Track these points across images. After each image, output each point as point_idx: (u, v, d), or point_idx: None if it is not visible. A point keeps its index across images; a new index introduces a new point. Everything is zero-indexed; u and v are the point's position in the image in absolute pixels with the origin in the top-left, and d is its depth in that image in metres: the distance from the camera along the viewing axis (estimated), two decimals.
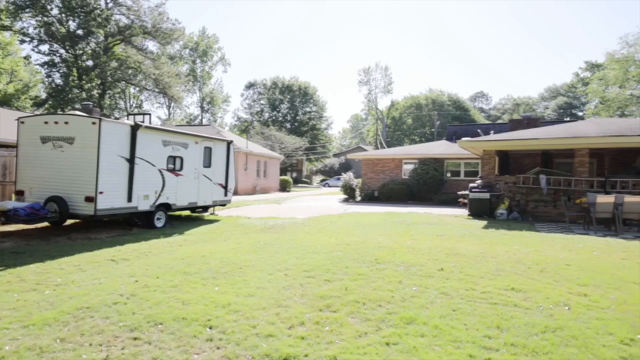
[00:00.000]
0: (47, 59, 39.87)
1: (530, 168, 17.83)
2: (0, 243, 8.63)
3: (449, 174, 23.08)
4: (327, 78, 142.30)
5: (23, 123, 10.67)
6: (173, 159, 12.02)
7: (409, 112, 74.36)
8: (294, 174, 59.59)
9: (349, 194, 24.22)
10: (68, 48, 39.32)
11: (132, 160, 10.45)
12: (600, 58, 60.42)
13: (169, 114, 64.87)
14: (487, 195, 14.41)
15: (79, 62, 40.15)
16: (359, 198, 24.29)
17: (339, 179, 28.58)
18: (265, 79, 72.54)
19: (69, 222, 11.37)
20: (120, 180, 10.24)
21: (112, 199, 10.02)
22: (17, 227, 10.55)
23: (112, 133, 10.00)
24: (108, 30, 40.57)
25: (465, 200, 16.30)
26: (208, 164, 13.49)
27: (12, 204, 9.54)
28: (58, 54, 40.18)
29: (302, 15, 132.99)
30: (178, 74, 49.31)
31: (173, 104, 61.04)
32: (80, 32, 39.26)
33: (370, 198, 23.74)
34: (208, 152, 13.51)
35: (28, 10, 36.54)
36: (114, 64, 41.11)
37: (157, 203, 11.39)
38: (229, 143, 14.71)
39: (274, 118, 69.53)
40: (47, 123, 10.33)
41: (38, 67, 42.07)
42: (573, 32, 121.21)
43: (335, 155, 64.37)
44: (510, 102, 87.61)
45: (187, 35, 60.55)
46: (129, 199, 10.46)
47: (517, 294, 5.11)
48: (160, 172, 11.51)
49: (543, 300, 4.87)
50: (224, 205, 15.49)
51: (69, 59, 39.76)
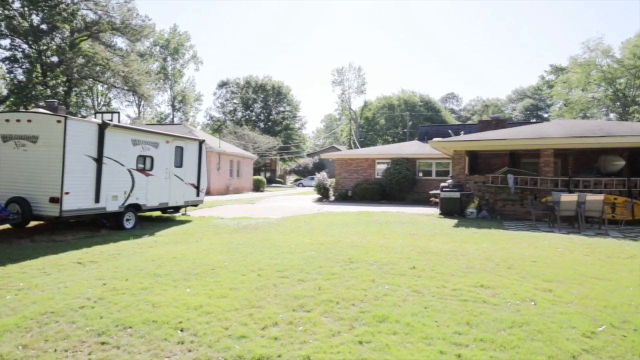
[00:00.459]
0: (8, 54, 38.15)
1: (499, 168, 18.36)
2: None
3: (421, 174, 23.48)
4: (301, 78, 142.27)
5: None
6: (143, 159, 11.74)
7: (382, 112, 75.20)
8: (268, 174, 59.28)
9: (323, 194, 24.29)
10: (31, 43, 37.74)
11: (99, 160, 10.14)
12: (565, 62, 62.98)
13: (139, 113, 63.31)
14: (457, 195, 14.73)
15: (43, 57, 38.62)
16: (333, 198, 24.39)
17: (313, 179, 28.61)
18: (239, 78, 71.94)
19: (33, 224, 10.93)
20: (87, 181, 9.93)
21: (78, 200, 9.70)
22: None
23: (78, 132, 9.67)
24: (74, 26, 39.18)
25: (437, 200, 16.62)
26: (179, 164, 13.24)
27: None
28: (20, 49, 38.50)
29: (275, 15, 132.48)
30: (148, 72, 48.20)
31: (143, 103, 59.56)
32: (45, 26, 37.76)
33: (344, 198, 23.88)
34: (179, 151, 13.26)
35: None
36: (81, 61, 39.76)
37: (126, 204, 11.10)
38: (201, 142, 14.49)
39: (247, 117, 68.99)
40: (8, 121, 9.91)
41: None
42: (539, 35, 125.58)
43: (309, 155, 64.43)
44: (480, 103, 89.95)
45: (157, 33, 59.27)
46: (97, 200, 10.15)
47: (486, 291, 5.25)
48: (130, 172, 11.22)
49: (510, 296, 5.01)
50: (196, 206, 15.25)
51: (32, 55, 38.17)
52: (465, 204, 14.86)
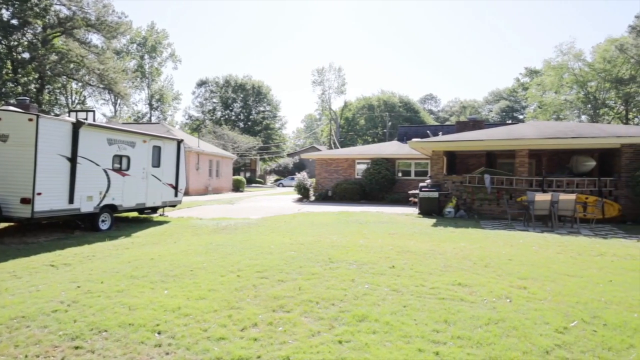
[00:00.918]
0: None
1: (476, 168, 18.72)
2: None
3: (400, 174, 23.71)
4: (280, 78, 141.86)
5: None
6: (119, 158, 11.50)
7: (362, 112, 75.65)
8: (248, 174, 58.87)
9: (303, 194, 24.27)
10: (1, 38, 36.48)
11: (73, 160, 9.88)
12: (539, 65, 64.55)
13: (115, 111, 61.93)
14: (436, 194, 14.94)
15: (14, 53, 37.36)
16: (313, 198, 24.40)
17: (293, 179, 28.57)
18: (218, 77, 71.22)
19: (2, 225, 10.57)
20: (61, 181, 9.66)
21: (51, 201, 9.43)
22: None
23: (51, 130, 9.40)
24: (47, 21, 38.04)
25: (416, 199, 16.81)
26: (157, 164, 13.02)
27: None
28: None
29: (256, 15, 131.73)
30: (125, 70, 47.18)
31: (119, 101, 58.26)
32: (15, 21, 36.53)
33: (324, 198, 23.92)
34: (157, 151, 13.04)
35: None
36: (54, 57, 38.62)
37: (102, 204, 10.85)
38: (180, 142, 14.28)
39: (227, 117, 68.35)
40: None
41: None
42: (515, 38, 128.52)
43: (289, 155, 64.31)
44: (458, 104, 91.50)
45: (134, 30, 58.12)
46: (71, 201, 9.89)
47: (463, 289, 5.34)
48: (105, 171, 10.97)
49: (487, 294, 5.11)
50: (175, 206, 15.03)
51: (2, 51, 36.88)
52: (444, 204, 15.08)
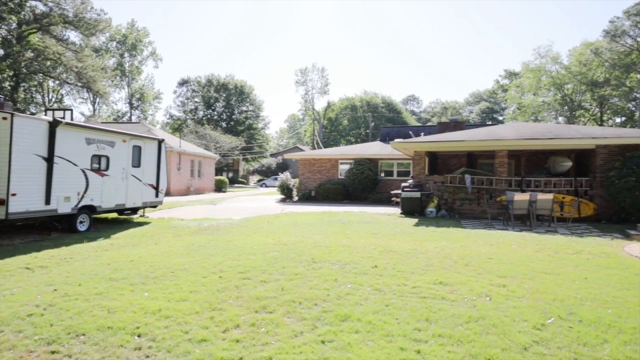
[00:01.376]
0: None
1: (457, 168, 18.99)
2: None
3: (383, 174, 23.88)
4: (263, 77, 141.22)
5: None
6: (98, 158, 11.27)
7: (345, 113, 75.87)
8: (230, 174, 58.40)
9: (286, 194, 24.22)
10: None
11: (50, 160, 9.64)
12: (518, 67, 65.84)
13: (94, 110, 60.66)
14: (418, 194, 15.10)
15: None
16: (296, 198, 24.36)
17: (276, 179, 28.49)
18: (200, 76, 70.42)
19: None
20: (37, 181, 9.41)
21: (26, 202, 9.18)
22: None
23: (26, 129, 9.15)
24: (22, 17, 37.01)
25: (398, 199, 16.95)
26: (137, 164, 12.81)
27: None
28: None
29: (239, 15, 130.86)
30: (104, 68, 46.23)
31: (98, 100, 57.09)
32: None
33: (307, 198, 23.91)
34: (137, 151, 12.83)
35: None
36: (30, 54, 37.59)
37: (80, 205, 10.62)
38: (161, 142, 14.07)
39: (209, 117, 67.65)
40: None
41: None
42: (495, 41, 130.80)
43: (273, 155, 64.07)
44: (439, 105, 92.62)
45: (114, 28, 57.02)
46: (47, 201, 9.64)
47: (444, 288, 5.41)
48: (84, 172, 10.74)
49: (467, 292, 5.19)
50: (155, 207, 14.80)
51: None
52: (426, 204, 15.25)
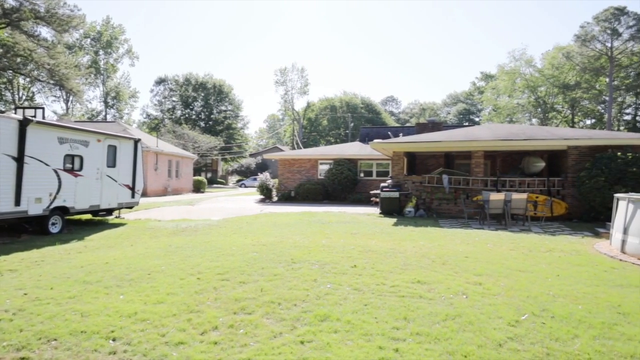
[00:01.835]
0: None
1: (435, 168, 19.27)
2: None
3: (362, 174, 24.02)
4: (243, 77, 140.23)
5: None
6: (71, 158, 10.97)
7: (325, 113, 76.03)
8: (209, 174, 57.75)
9: (266, 194, 24.10)
10: None
11: (20, 159, 9.33)
12: (493, 69, 67.35)
13: (67, 109, 59.00)
14: (396, 194, 15.25)
15: None
16: (276, 198, 24.27)
17: (256, 179, 28.27)
18: (178, 75, 69.26)
19: None
20: (6, 182, 9.09)
21: None
22: None
23: None
24: None
25: (377, 199, 17.09)
26: (112, 164, 12.53)
27: None
28: None
29: (218, 14, 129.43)
30: (78, 65, 45.06)
31: (72, 98, 55.55)
32: None
33: (287, 198, 23.85)
34: (112, 150, 12.55)
35: None
36: None
37: (52, 206, 10.31)
38: (137, 141, 13.80)
39: (187, 116, 66.68)
40: None
41: None
42: (472, 43, 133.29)
43: (252, 155, 63.60)
44: (418, 106, 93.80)
45: (88, 24, 55.59)
46: (17, 203, 9.33)
47: (422, 286, 5.48)
48: (56, 172, 10.44)
49: (445, 291, 5.27)
50: (132, 208, 14.51)
51: None
52: (404, 203, 15.42)
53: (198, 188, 35.11)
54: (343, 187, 22.51)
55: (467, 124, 64.31)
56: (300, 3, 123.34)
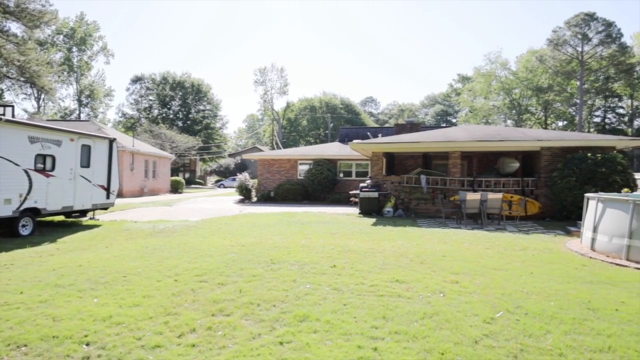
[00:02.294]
0: None
1: (413, 169, 19.48)
2: None
3: (342, 174, 24.11)
4: (222, 76, 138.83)
5: None
6: (43, 158, 10.64)
7: (304, 113, 76.01)
8: (187, 175, 56.94)
9: (245, 195, 23.92)
10: None
11: None
12: (470, 72, 68.63)
13: (39, 107, 57.19)
14: (375, 195, 15.37)
15: None
16: (255, 199, 24.12)
17: (235, 180, 28.06)
18: (155, 74, 67.99)
19: None
20: None
21: None
22: None
23: None
24: None
25: (356, 199, 17.17)
26: (86, 164, 12.21)
27: None
28: None
29: (196, 13, 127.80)
30: (50, 62, 43.70)
31: (43, 96, 53.88)
32: None
33: (267, 198, 23.73)
34: (86, 150, 12.23)
35: None
36: None
37: (22, 208, 9.97)
38: (112, 141, 13.49)
39: (165, 115, 65.57)
40: None
41: None
42: (449, 45, 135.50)
43: (231, 156, 63.04)
44: (396, 107, 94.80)
45: (61, 20, 54.03)
46: None
47: (400, 285, 5.54)
48: (27, 172, 10.10)
49: (422, 290, 5.35)
50: (107, 209, 14.18)
51: None
52: (383, 204, 15.55)
53: (176, 188, 34.58)
54: (323, 187, 22.54)
55: (444, 125, 65.39)
56: (280, 3, 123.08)
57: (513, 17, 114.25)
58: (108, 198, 13.26)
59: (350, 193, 19.98)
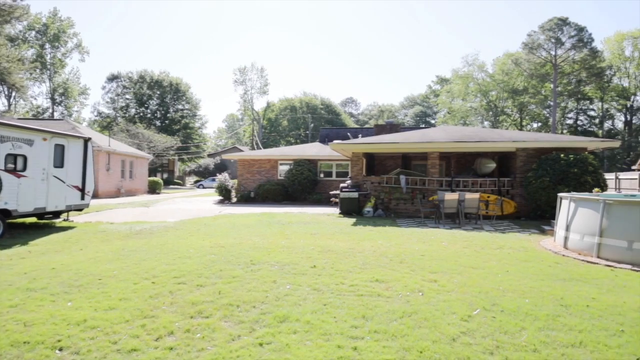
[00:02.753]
0: None
1: (393, 169, 19.68)
2: None
3: (322, 175, 24.15)
4: (201, 76, 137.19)
5: None
6: (13, 158, 10.31)
7: (285, 114, 75.87)
8: (165, 175, 56.03)
9: (225, 195, 23.70)
10: None
11: None
12: (448, 73, 69.78)
13: (9, 105, 55.30)
14: (356, 195, 15.45)
15: None
16: (235, 199, 23.93)
17: (214, 180, 27.74)
18: (131, 72, 66.71)
19: None
20: None
21: None
22: None
23: None
24: None
25: (337, 200, 17.23)
26: (60, 164, 11.88)
27: None
28: None
29: (174, 12, 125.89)
30: (21, 59, 42.42)
31: (14, 94, 52.13)
32: None
33: (247, 199, 23.57)
34: (60, 150, 11.90)
35: None
36: None
37: None
38: (87, 140, 13.16)
39: (142, 115, 64.41)
40: None
41: None
42: (428, 46, 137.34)
43: (210, 156, 62.34)
44: (376, 108, 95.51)
45: (33, 15, 52.52)
46: None
47: (380, 285, 5.58)
48: None
49: (402, 289, 5.40)
50: (81, 210, 13.83)
51: None
52: (363, 204, 15.64)
53: (154, 189, 34.00)
54: (303, 187, 22.53)
55: (423, 126, 66.21)
56: (261, 3, 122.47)
57: (491, 20, 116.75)
58: (83, 199, 12.93)
59: (331, 193, 20.03)
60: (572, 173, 13.05)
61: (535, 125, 60.25)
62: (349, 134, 28.15)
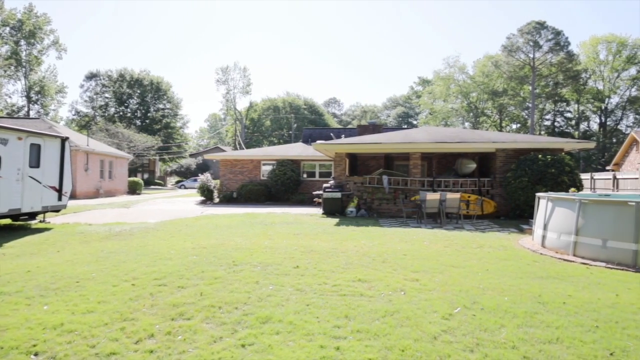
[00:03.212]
0: None
1: (376, 169, 19.81)
2: None
3: (305, 175, 24.13)
4: (184, 76, 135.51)
5: None
6: None
7: (268, 114, 75.53)
8: (146, 175, 55.17)
9: (207, 196, 23.47)
10: None
11: None
12: (430, 75, 70.58)
13: None
14: (339, 195, 15.49)
15: None
16: (218, 200, 23.72)
17: (196, 180, 27.47)
18: (111, 70, 65.43)
19: None
20: None
21: None
22: None
23: None
24: None
25: (320, 200, 17.24)
26: (36, 164, 11.58)
27: None
28: None
29: (157, 10, 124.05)
30: None
31: None
32: None
33: (229, 199, 23.39)
34: (36, 149, 11.59)
35: None
36: None
37: None
38: (64, 139, 12.86)
39: (122, 114, 63.27)
40: None
41: None
42: (410, 48, 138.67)
43: (192, 156, 61.65)
44: (359, 109, 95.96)
45: (7, 11, 51.02)
46: None
47: (363, 284, 5.61)
48: None
49: (384, 288, 5.44)
50: (59, 211, 13.51)
51: None
52: (346, 204, 15.70)
53: (134, 189, 33.43)
54: (286, 187, 22.47)
55: (405, 127, 66.91)
56: (244, 4, 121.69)
57: (473, 21, 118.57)
58: (60, 200, 12.63)
59: (314, 193, 20.03)
60: (549, 173, 13.35)
61: (515, 127, 61.44)
62: (332, 134, 28.21)
